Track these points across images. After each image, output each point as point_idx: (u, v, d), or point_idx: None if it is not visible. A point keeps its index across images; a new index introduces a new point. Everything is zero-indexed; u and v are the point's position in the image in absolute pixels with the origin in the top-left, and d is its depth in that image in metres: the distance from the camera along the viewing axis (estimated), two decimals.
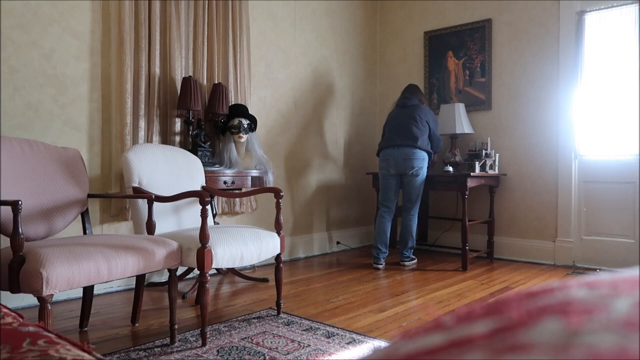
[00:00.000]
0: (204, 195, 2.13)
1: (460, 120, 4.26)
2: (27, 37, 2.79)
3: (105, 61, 3.12)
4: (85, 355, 0.78)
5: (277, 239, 2.57)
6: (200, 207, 2.15)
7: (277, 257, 2.61)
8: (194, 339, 2.25)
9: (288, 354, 2.08)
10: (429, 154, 3.92)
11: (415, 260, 4.11)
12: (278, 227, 2.61)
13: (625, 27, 3.80)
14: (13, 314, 1.00)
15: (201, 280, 2.16)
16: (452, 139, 4.37)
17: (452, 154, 4.31)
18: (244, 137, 3.46)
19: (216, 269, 3.58)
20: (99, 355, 0.81)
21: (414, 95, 4.03)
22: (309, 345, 2.18)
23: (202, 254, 2.13)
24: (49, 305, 1.67)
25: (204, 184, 2.89)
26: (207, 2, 3.57)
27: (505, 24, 4.37)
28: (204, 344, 2.16)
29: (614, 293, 0.26)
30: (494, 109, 4.44)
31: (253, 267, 3.89)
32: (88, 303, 2.37)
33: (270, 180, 3.57)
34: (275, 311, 2.66)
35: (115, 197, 2.71)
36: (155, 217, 2.45)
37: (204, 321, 2.16)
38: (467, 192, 3.86)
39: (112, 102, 3.13)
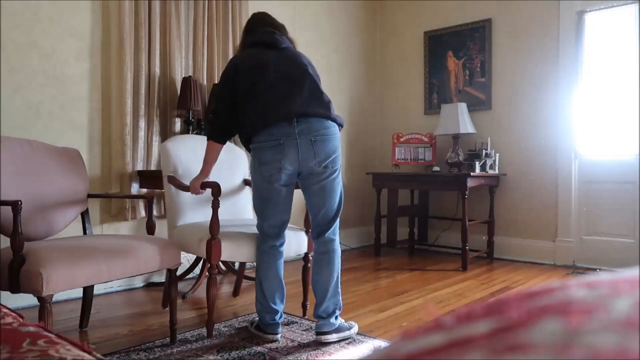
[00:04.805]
0: (216, 186, 2.20)
1: (464, 120, 4.26)
2: (27, 37, 2.79)
3: (105, 61, 3.12)
4: (85, 355, 0.78)
5: (304, 238, 2.47)
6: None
7: (305, 256, 2.51)
8: (194, 339, 2.24)
9: (288, 354, 2.08)
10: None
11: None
12: (307, 225, 2.44)
13: (625, 27, 3.79)
14: (13, 314, 1.00)
15: (210, 272, 2.22)
16: (454, 139, 4.36)
17: (455, 153, 4.30)
18: None
19: (217, 269, 3.57)
20: (99, 355, 0.81)
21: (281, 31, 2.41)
22: (309, 345, 2.18)
23: (211, 246, 2.17)
24: (49, 305, 1.67)
25: (247, 177, 2.86)
26: (207, 2, 3.57)
27: (505, 24, 4.37)
28: (209, 336, 2.24)
29: (614, 293, 0.26)
30: (494, 109, 4.44)
31: (253, 267, 3.88)
32: (88, 303, 2.38)
33: None
34: None
35: (115, 197, 2.71)
36: (187, 207, 2.49)
37: (210, 314, 2.23)
38: (467, 192, 3.86)
39: (112, 102, 3.13)
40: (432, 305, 2.84)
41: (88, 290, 2.37)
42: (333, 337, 2.19)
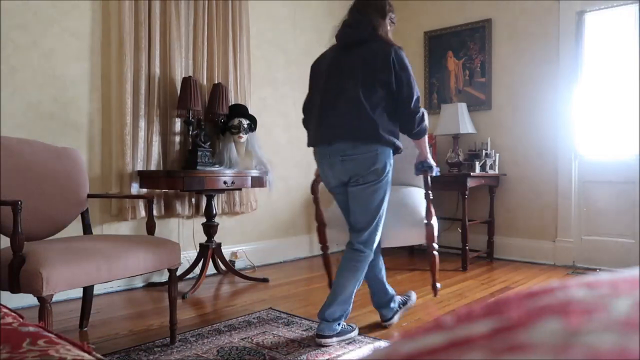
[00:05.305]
0: (314, 182, 2.55)
1: (464, 120, 4.26)
2: (27, 37, 2.78)
3: (105, 61, 3.12)
4: (85, 355, 0.78)
5: (423, 229, 2.40)
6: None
7: (428, 247, 2.42)
8: (194, 339, 2.25)
9: (288, 354, 2.08)
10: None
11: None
12: (429, 217, 2.39)
13: (625, 27, 3.79)
14: (13, 314, 1.00)
15: (324, 252, 2.64)
16: (454, 139, 4.36)
17: (455, 154, 4.30)
18: (244, 137, 3.46)
19: (216, 269, 3.58)
20: (99, 356, 0.81)
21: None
22: (309, 345, 2.17)
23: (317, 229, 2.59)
24: (49, 305, 1.67)
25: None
26: (207, 2, 3.57)
27: (505, 24, 4.37)
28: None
29: (614, 293, 0.26)
30: (494, 109, 4.44)
31: (253, 267, 3.88)
32: (88, 303, 2.38)
33: (271, 181, 3.57)
34: (276, 311, 2.66)
35: (115, 197, 2.71)
36: None
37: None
38: (467, 192, 3.86)
39: (112, 102, 3.13)
40: (432, 305, 2.84)
41: (88, 290, 2.37)
42: (333, 340, 2.18)
